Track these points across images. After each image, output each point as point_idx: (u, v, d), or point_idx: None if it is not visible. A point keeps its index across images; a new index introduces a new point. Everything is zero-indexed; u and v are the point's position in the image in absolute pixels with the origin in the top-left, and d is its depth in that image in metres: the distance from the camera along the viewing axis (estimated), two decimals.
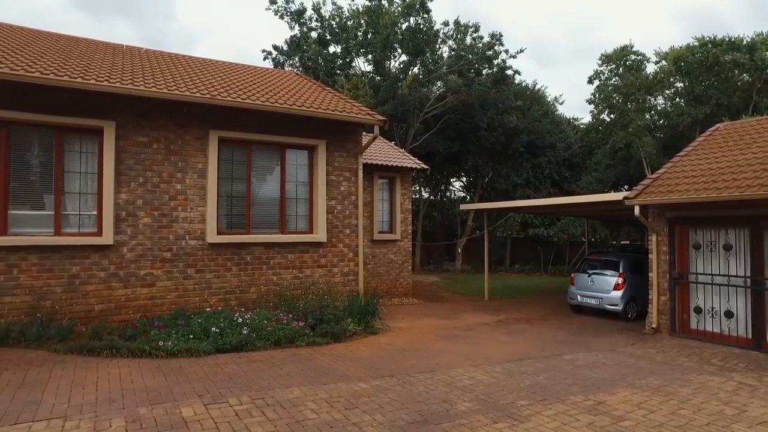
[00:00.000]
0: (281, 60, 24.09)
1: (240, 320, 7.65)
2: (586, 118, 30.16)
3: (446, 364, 6.97)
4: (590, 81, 26.41)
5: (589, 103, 27.15)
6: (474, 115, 22.81)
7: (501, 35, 23.33)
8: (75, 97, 7.58)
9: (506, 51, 23.82)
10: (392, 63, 23.73)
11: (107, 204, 7.75)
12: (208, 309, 8.16)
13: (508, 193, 25.26)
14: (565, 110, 32.75)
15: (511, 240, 26.71)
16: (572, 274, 13.05)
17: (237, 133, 8.80)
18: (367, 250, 13.18)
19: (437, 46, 23.87)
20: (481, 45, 23.50)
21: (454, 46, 23.96)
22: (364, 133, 10.58)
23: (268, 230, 9.17)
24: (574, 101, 52.23)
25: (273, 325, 7.65)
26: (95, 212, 7.88)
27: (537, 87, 28.97)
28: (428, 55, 23.38)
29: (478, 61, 23.29)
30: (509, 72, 24.39)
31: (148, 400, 5.00)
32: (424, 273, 22.02)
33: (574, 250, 25.14)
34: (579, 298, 12.39)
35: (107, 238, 7.73)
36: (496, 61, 23.81)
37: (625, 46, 24.93)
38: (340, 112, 9.36)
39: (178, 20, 74.46)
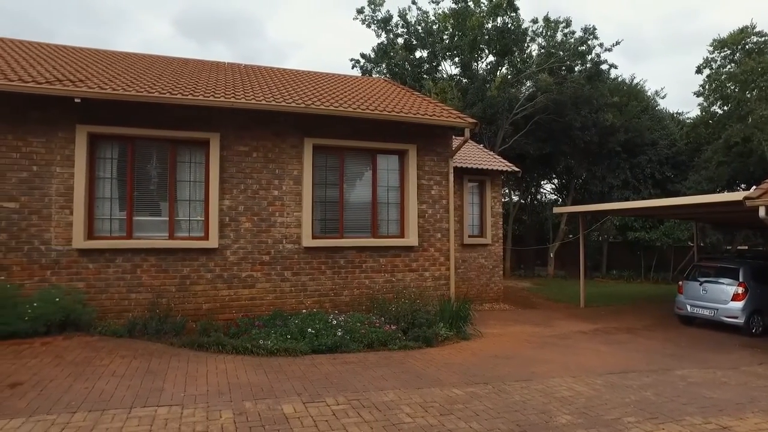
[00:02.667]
0: (369, 67, 24.60)
1: (334, 322, 7.88)
2: (693, 112, 27.66)
3: (542, 373, 6.69)
4: (699, 71, 24.17)
5: (697, 96, 24.85)
6: (566, 115, 21.78)
7: (594, 28, 22.07)
8: (186, 112, 8.27)
9: (600, 44, 22.50)
10: (480, 64, 23.36)
11: (213, 210, 8.35)
12: (304, 311, 8.49)
13: (604, 195, 23.78)
14: (667, 104, 30.18)
15: (607, 244, 25.13)
16: (680, 282, 12.00)
17: (330, 140, 9.11)
18: (457, 254, 13.03)
19: (526, 45, 23.12)
20: (573, 40, 22.40)
21: (543, 43, 23.06)
22: (453, 137, 10.50)
23: (361, 234, 9.38)
24: (677, 95, 47.90)
25: (366, 328, 7.79)
26: (202, 218, 8.52)
27: (635, 81, 27.00)
28: (516, 54, 22.71)
29: (569, 58, 22.20)
30: (604, 67, 23.00)
31: (252, 395, 5.29)
32: (515, 278, 21.36)
33: (679, 255, 23.11)
34: (689, 308, 11.35)
35: (213, 241, 8.32)
36: (589, 56, 22.55)
37: (744, 28, 22.42)
38: (430, 116, 9.37)
39: (268, 39, 79.46)
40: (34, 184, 7.70)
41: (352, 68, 25.13)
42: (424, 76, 23.41)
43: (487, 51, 22.81)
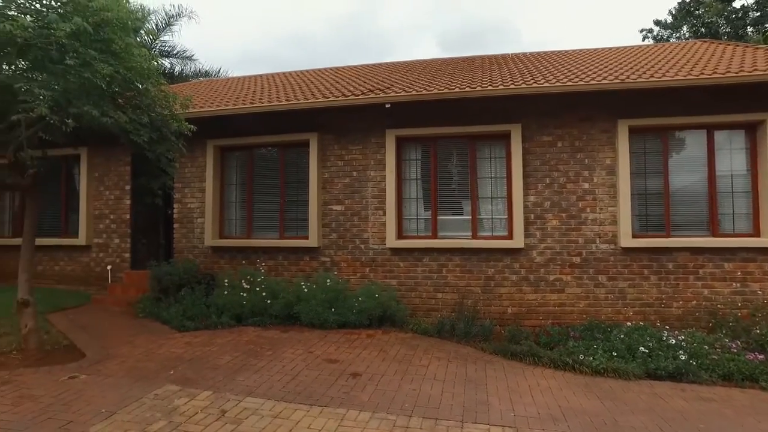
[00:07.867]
0: (664, 35, 20.91)
1: (672, 341, 6.35)
2: None
3: None
4: None
5: None
6: None
7: None
8: (483, 105, 7.94)
9: None
10: None
11: (517, 207, 7.79)
12: (629, 324, 7.13)
13: None
14: None
15: None
16: None
17: (650, 119, 7.54)
18: None
19: None
20: None
21: None
22: None
23: (695, 232, 7.51)
24: None
25: (718, 354, 6.06)
26: (505, 216, 8.05)
27: None
28: None
29: None
30: None
31: (594, 428, 4.42)
32: None
33: None
34: None
35: (518, 241, 7.76)
36: None
37: None
38: None
39: (522, 43, 77.16)
40: (354, 188, 8.48)
41: (643, 40, 21.79)
42: (749, 29, 18.56)
43: None
